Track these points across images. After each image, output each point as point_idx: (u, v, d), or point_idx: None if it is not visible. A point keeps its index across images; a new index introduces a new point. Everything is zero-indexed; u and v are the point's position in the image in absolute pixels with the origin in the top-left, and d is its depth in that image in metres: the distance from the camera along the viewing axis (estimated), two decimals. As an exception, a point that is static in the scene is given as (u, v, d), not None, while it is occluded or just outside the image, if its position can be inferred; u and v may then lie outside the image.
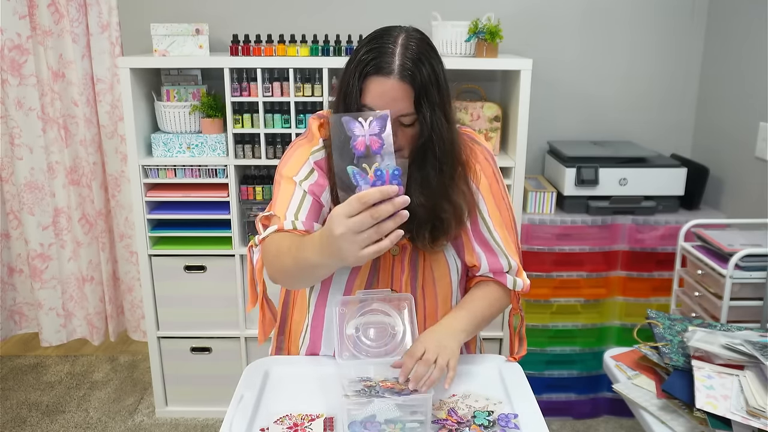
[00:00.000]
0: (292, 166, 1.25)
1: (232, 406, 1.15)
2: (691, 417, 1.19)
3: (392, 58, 1.10)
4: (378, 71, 1.11)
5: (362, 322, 1.18)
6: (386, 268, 1.26)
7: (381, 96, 1.11)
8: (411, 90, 1.11)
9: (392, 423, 1.05)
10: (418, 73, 1.11)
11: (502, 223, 1.31)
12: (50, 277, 2.86)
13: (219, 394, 2.42)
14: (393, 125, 1.11)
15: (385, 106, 1.10)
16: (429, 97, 1.12)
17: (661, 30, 2.57)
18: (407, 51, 1.11)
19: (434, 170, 1.18)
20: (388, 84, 1.10)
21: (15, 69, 2.61)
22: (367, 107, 1.11)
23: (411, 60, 1.11)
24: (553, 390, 2.50)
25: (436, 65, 1.14)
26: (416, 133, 1.16)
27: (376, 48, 1.12)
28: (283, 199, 1.21)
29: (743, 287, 1.78)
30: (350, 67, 1.14)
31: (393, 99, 1.11)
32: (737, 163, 2.33)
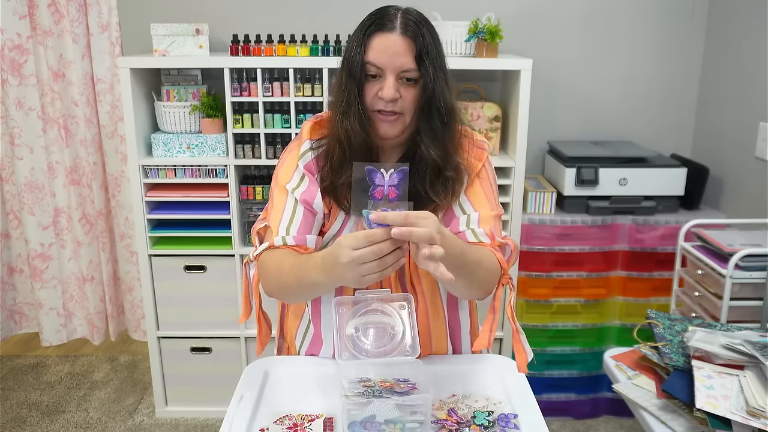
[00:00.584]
0: (285, 172, 1.28)
1: (232, 406, 1.15)
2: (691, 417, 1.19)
3: (395, 18, 1.17)
4: (381, 28, 1.16)
5: (362, 322, 1.18)
6: None
7: (384, 50, 1.15)
8: (413, 45, 1.16)
9: (392, 423, 1.05)
10: (419, 31, 1.16)
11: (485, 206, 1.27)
12: (50, 277, 2.86)
13: (219, 394, 2.42)
14: (396, 83, 1.17)
15: (388, 60, 1.15)
16: (430, 54, 1.17)
17: (662, 30, 2.57)
18: (408, 14, 1.19)
19: (441, 123, 1.22)
20: (391, 38, 1.15)
21: (15, 69, 2.61)
22: (371, 63, 1.16)
23: (412, 21, 1.17)
24: (553, 390, 2.50)
25: (433, 32, 1.20)
26: (419, 93, 1.19)
27: (377, 12, 1.19)
28: (277, 209, 1.25)
29: (743, 287, 1.78)
30: (353, 37, 1.20)
31: (396, 53, 1.15)
32: (737, 163, 2.33)
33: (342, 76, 1.20)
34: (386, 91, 1.16)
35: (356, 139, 1.20)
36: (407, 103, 1.19)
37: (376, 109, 1.20)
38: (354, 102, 1.18)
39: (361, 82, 1.18)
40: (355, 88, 1.18)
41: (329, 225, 1.28)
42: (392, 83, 1.16)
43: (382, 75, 1.17)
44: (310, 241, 1.23)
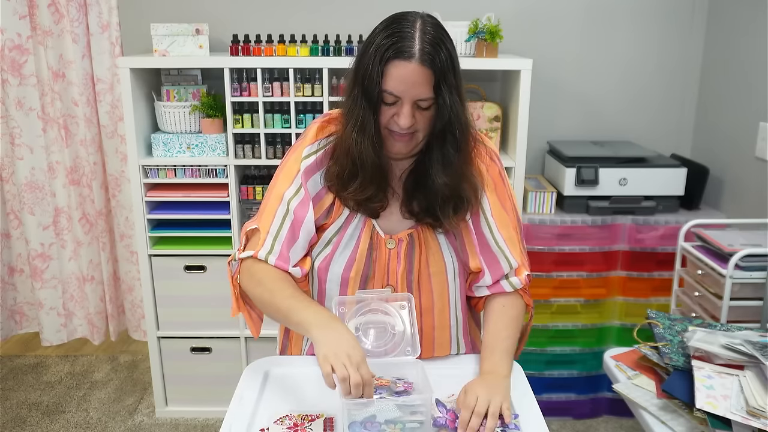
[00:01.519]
0: (286, 176, 1.27)
1: (232, 406, 1.15)
2: (691, 417, 1.19)
3: (412, 42, 1.12)
4: (399, 55, 1.12)
5: (362, 321, 1.18)
6: (382, 261, 1.27)
7: (402, 80, 1.13)
8: (431, 75, 1.13)
9: (392, 423, 1.05)
10: (437, 57, 1.13)
11: (507, 224, 1.31)
12: (51, 277, 2.86)
13: (219, 394, 2.42)
14: (411, 108, 1.16)
15: (405, 90, 1.13)
16: (447, 80, 1.15)
17: (661, 30, 2.57)
18: (426, 35, 1.14)
19: (454, 150, 1.21)
20: (410, 68, 1.12)
21: (15, 69, 2.61)
22: (387, 92, 1.14)
23: (430, 44, 1.13)
24: (553, 390, 2.50)
25: (452, 49, 1.17)
26: (432, 115, 1.18)
27: (395, 32, 1.14)
28: (269, 214, 1.25)
29: (743, 287, 1.78)
30: (368, 52, 1.16)
31: (414, 83, 1.13)
32: (737, 163, 2.33)
33: (357, 93, 1.18)
34: (402, 121, 1.15)
35: (368, 160, 1.19)
36: (421, 124, 1.18)
37: (390, 129, 1.19)
38: (369, 124, 1.17)
39: (378, 105, 1.17)
40: (370, 112, 1.17)
41: (332, 220, 1.27)
42: (408, 111, 1.15)
43: (397, 102, 1.16)
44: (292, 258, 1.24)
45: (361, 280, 1.27)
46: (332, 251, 1.27)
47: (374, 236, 1.27)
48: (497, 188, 1.31)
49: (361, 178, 1.21)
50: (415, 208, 1.26)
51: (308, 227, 1.25)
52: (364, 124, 1.17)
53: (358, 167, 1.20)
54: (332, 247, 1.27)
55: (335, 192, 1.26)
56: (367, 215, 1.27)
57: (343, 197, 1.25)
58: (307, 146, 1.28)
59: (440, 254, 1.29)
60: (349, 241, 1.27)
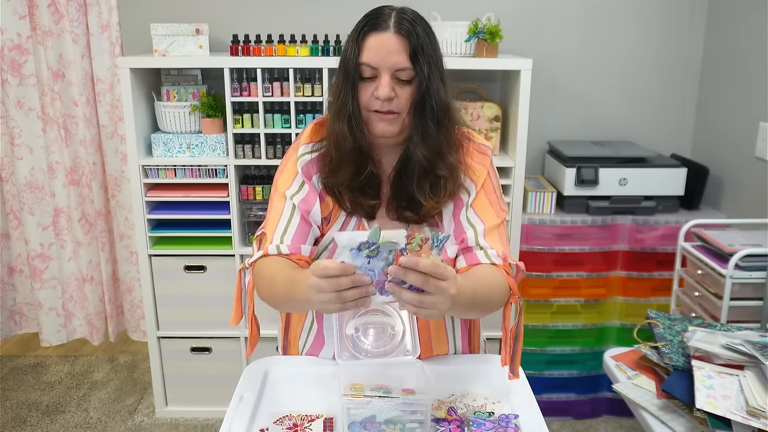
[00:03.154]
0: (286, 177, 1.28)
1: (232, 406, 1.15)
2: (691, 417, 1.19)
3: (389, 17, 1.17)
4: (375, 28, 1.17)
5: (362, 322, 1.18)
6: None
7: (378, 50, 1.15)
8: (407, 44, 1.16)
9: (392, 423, 1.05)
10: (413, 30, 1.16)
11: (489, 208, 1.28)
12: (50, 277, 2.86)
13: (219, 394, 2.42)
14: (392, 82, 1.16)
15: (382, 59, 1.15)
16: (425, 52, 1.17)
17: (662, 30, 2.57)
18: (403, 13, 1.19)
19: (433, 123, 1.21)
20: (385, 37, 1.16)
21: (15, 69, 2.61)
22: (365, 64, 1.16)
23: (406, 20, 1.17)
24: (553, 390, 2.50)
25: (429, 30, 1.20)
26: (414, 92, 1.19)
27: (371, 14, 1.20)
28: (274, 215, 1.26)
29: (743, 287, 1.78)
30: (348, 38, 1.21)
31: (389, 52, 1.15)
32: (737, 163, 2.33)
33: (339, 79, 1.21)
34: (381, 90, 1.16)
35: (344, 144, 1.20)
36: (403, 102, 1.18)
37: (372, 109, 1.19)
38: (347, 103, 1.18)
39: (356, 83, 1.18)
40: (349, 90, 1.18)
41: (329, 227, 1.28)
42: (387, 82, 1.16)
43: (377, 75, 1.17)
44: (304, 250, 1.24)
45: None
46: (329, 256, 1.27)
47: None
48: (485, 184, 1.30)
49: (337, 160, 1.21)
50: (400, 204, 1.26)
51: (315, 218, 1.25)
52: (342, 107, 1.19)
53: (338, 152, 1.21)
54: (329, 253, 1.27)
55: (330, 190, 1.26)
56: (363, 215, 1.27)
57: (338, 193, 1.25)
58: (302, 145, 1.29)
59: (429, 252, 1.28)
60: None
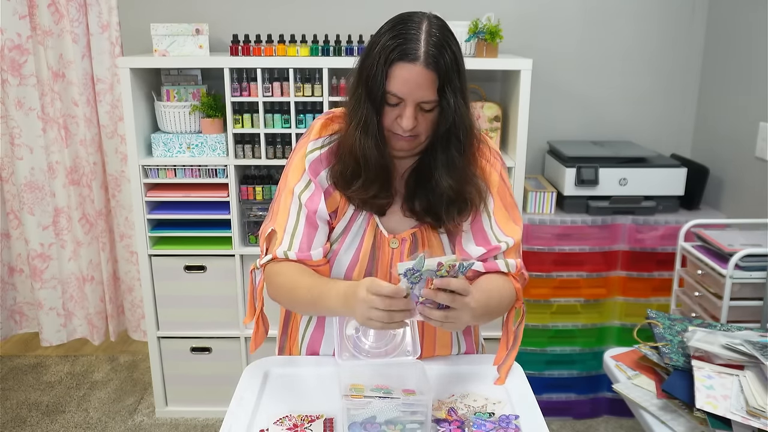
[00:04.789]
0: (294, 173, 1.28)
1: (232, 406, 1.15)
2: (691, 417, 1.19)
3: (417, 45, 1.12)
4: (404, 57, 1.12)
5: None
6: (384, 260, 1.27)
7: (406, 82, 1.13)
8: (436, 77, 1.13)
9: (392, 424, 1.05)
10: (442, 59, 1.13)
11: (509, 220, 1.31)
12: (50, 277, 2.86)
13: (219, 394, 2.42)
14: (414, 111, 1.16)
15: (409, 92, 1.14)
16: (452, 83, 1.15)
17: (662, 30, 2.57)
18: (431, 37, 1.13)
19: (459, 153, 1.22)
20: (414, 71, 1.12)
21: (15, 69, 2.61)
22: (391, 93, 1.14)
23: (435, 46, 1.13)
24: (553, 390, 2.50)
25: (457, 51, 1.17)
26: (435, 117, 1.19)
27: (401, 34, 1.13)
28: (283, 212, 1.26)
29: (743, 287, 1.78)
30: (373, 53, 1.16)
31: (418, 86, 1.13)
32: (737, 163, 2.33)
33: (361, 92, 1.18)
34: (405, 122, 1.15)
35: (372, 160, 1.20)
36: (423, 126, 1.18)
37: (393, 132, 1.20)
38: (372, 124, 1.18)
39: (381, 106, 1.17)
40: (374, 112, 1.17)
41: (336, 222, 1.28)
42: (411, 114, 1.15)
43: (401, 104, 1.16)
44: (315, 255, 1.24)
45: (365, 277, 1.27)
46: (337, 250, 1.27)
47: (378, 235, 1.27)
48: (500, 188, 1.31)
49: (365, 177, 1.21)
50: (416, 207, 1.26)
51: (323, 216, 1.25)
52: (367, 124, 1.18)
53: (362, 167, 1.21)
54: (337, 245, 1.27)
55: (340, 190, 1.26)
56: (374, 212, 1.27)
57: (348, 195, 1.25)
58: (311, 141, 1.28)
59: (442, 253, 1.28)
60: (353, 240, 1.27)
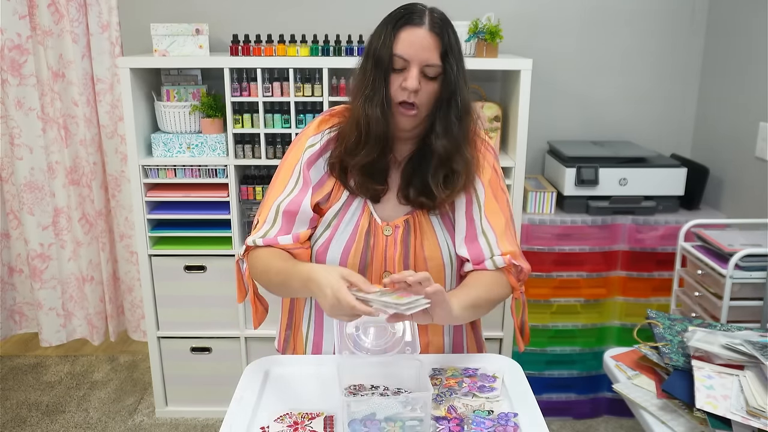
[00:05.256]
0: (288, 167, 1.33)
1: (232, 406, 1.15)
2: (691, 417, 1.19)
3: (423, 14, 1.23)
4: (410, 22, 1.21)
5: (362, 320, 1.18)
6: (379, 247, 1.29)
7: (412, 44, 1.20)
8: (439, 42, 1.22)
9: (392, 421, 1.05)
10: (445, 30, 1.23)
11: (498, 212, 1.33)
12: (50, 277, 2.86)
13: (219, 394, 2.42)
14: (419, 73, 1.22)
15: (415, 53, 1.20)
16: (454, 52, 1.23)
17: (662, 30, 2.57)
18: (434, 13, 1.25)
19: (456, 119, 1.27)
20: (420, 33, 1.21)
21: (15, 69, 2.61)
22: (399, 56, 1.21)
23: (439, 20, 1.24)
24: (553, 390, 2.50)
25: (456, 34, 1.27)
26: (436, 89, 1.24)
27: (406, 8, 1.24)
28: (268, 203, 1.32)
29: (743, 287, 1.78)
30: (379, 28, 1.25)
31: (423, 47, 1.20)
32: (737, 163, 2.33)
33: (367, 66, 1.24)
34: (410, 82, 1.20)
35: (376, 127, 1.24)
36: (425, 97, 1.23)
37: (398, 101, 1.24)
38: (380, 90, 1.23)
39: (388, 72, 1.22)
40: (382, 78, 1.22)
41: (331, 203, 1.31)
42: (416, 75, 1.21)
43: (406, 67, 1.21)
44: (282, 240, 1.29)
45: (360, 268, 1.29)
46: (331, 234, 1.30)
47: (372, 222, 1.29)
48: (491, 180, 1.34)
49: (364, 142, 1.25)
50: (410, 194, 1.29)
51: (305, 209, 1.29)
52: (374, 93, 1.23)
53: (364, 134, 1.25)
54: (331, 230, 1.30)
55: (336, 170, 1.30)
56: (368, 198, 1.30)
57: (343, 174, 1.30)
58: (311, 136, 1.33)
59: (435, 239, 1.31)
60: (347, 225, 1.30)
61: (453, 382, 1.21)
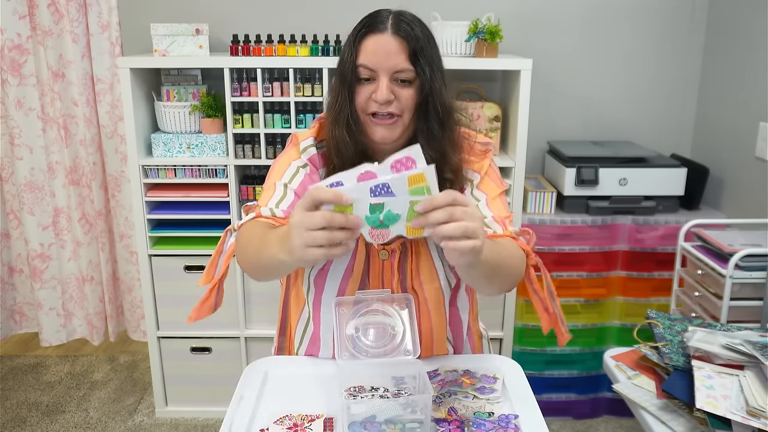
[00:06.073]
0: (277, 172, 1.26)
1: (231, 406, 1.15)
2: (691, 417, 1.19)
3: (386, 19, 1.15)
4: (373, 29, 1.14)
5: (362, 322, 1.18)
6: (376, 272, 1.26)
7: (375, 51, 1.13)
8: (406, 45, 1.13)
9: (392, 423, 1.05)
10: (411, 31, 1.14)
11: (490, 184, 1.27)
12: (50, 277, 2.86)
13: (219, 394, 2.42)
14: (391, 84, 1.14)
15: (379, 61, 1.12)
16: (425, 53, 1.14)
17: (662, 29, 2.57)
18: (401, 15, 1.16)
19: (437, 125, 1.19)
20: (383, 39, 1.13)
21: (15, 69, 2.61)
22: (363, 66, 1.14)
23: (405, 21, 1.15)
24: (553, 390, 2.50)
25: (429, 34, 1.17)
26: (415, 93, 1.16)
27: (369, 16, 1.18)
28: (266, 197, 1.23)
29: (743, 287, 1.78)
30: (346, 41, 1.19)
31: (388, 53, 1.13)
32: (737, 163, 2.33)
33: (336, 83, 1.18)
34: (379, 93, 1.13)
35: (346, 149, 1.17)
36: (404, 103, 1.16)
37: (370, 112, 1.17)
38: (344, 107, 1.16)
39: (353, 86, 1.15)
40: (346, 93, 1.15)
41: None
42: (386, 84, 1.13)
43: (375, 77, 1.14)
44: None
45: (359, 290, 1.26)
46: (329, 263, 1.25)
47: (368, 246, 1.25)
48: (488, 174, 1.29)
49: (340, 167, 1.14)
50: None
51: None
52: (340, 111, 1.16)
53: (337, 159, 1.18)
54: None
55: None
56: None
57: None
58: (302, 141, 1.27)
59: (431, 263, 1.26)
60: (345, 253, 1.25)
61: (453, 383, 1.21)
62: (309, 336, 1.34)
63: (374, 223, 0.92)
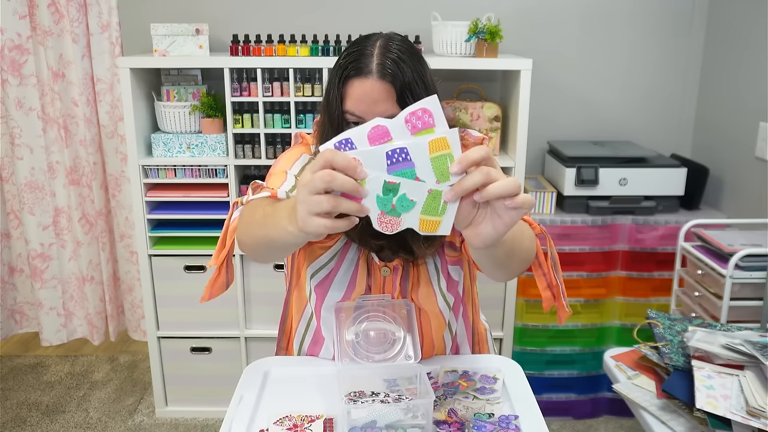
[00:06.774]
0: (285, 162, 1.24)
1: (231, 406, 1.15)
2: (691, 417, 1.19)
3: (371, 59, 1.07)
4: (356, 73, 1.07)
5: (362, 328, 1.18)
6: (376, 288, 1.25)
7: (361, 98, 1.07)
8: (392, 89, 1.06)
9: (393, 428, 1.05)
10: (399, 71, 1.06)
11: None
12: (50, 277, 2.86)
13: (219, 394, 2.42)
14: None
15: (367, 109, 1.07)
16: (414, 91, 1.07)
17: (662, 29, 2.57)
18: (387, 52, 1.08)
19: None
20: (368, 84, 1.06)
21: (15, 69, 2.61)
22: (349, 113, 1.08)
23: (391, 60, 1.07)
24: (553, 390, 2.50)
25: (419, 66, 1.10)
26: None
27: (354, 52, 1.09)
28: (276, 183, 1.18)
29: (743, 287, 1.78)
30: (331, 73, 1.13)
31: (374, 100, 1.06)
32: (737, 163, 2.33)
33: (323, 118, 1.14)
34: None
35: None
36: None
37: None
38: None
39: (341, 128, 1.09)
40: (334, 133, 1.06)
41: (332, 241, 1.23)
42: None
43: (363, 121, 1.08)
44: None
45: None
46: (331, 276, 1.24)
47: (370, 262, 1.24)
48: None
49: None
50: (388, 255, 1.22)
51: None
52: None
53: None
54: (329, 271, 1.25)
55: None
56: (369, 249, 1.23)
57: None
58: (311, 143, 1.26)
59: (429, 288, 1.26)
60: (348, 268, 1.24)
61: (453, 384, 1.21)
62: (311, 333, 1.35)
63: (386, 207, 0.84)
